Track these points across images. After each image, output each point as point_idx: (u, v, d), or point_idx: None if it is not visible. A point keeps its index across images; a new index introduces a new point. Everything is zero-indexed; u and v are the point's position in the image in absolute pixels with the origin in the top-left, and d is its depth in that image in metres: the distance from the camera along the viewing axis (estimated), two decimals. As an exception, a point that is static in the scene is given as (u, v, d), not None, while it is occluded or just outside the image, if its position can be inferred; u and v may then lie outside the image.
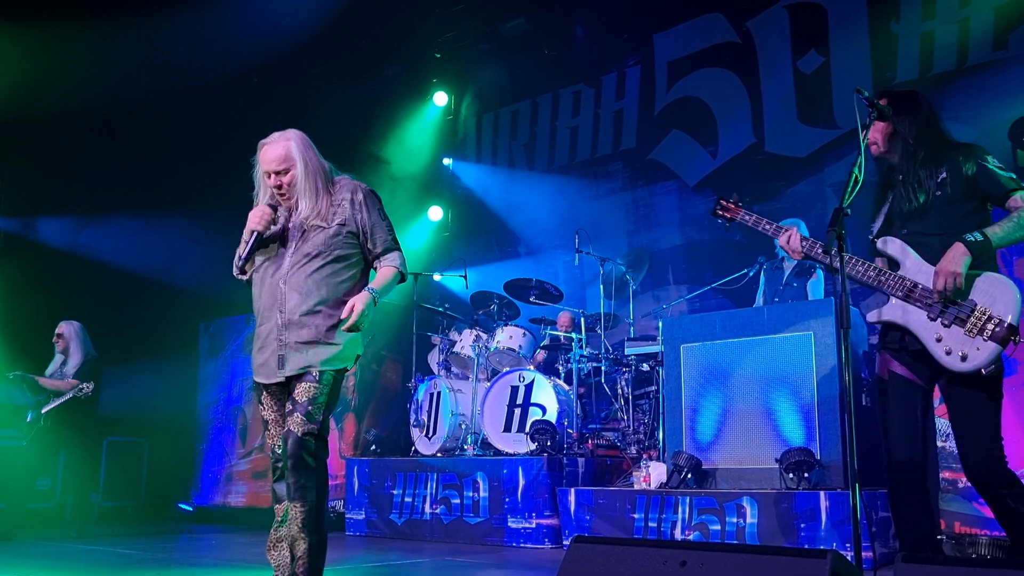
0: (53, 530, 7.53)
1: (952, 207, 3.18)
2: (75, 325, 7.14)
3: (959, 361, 3.01)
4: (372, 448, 7.74)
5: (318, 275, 3.26)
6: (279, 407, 3.33)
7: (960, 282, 3.03)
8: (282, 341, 3.25)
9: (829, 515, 4.59)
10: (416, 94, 10.25)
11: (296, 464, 3.18)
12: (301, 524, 3.17)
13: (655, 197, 8.70)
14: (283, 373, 3.25)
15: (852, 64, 7.41)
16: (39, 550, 5.93)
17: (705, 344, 5.54)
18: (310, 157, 3.32)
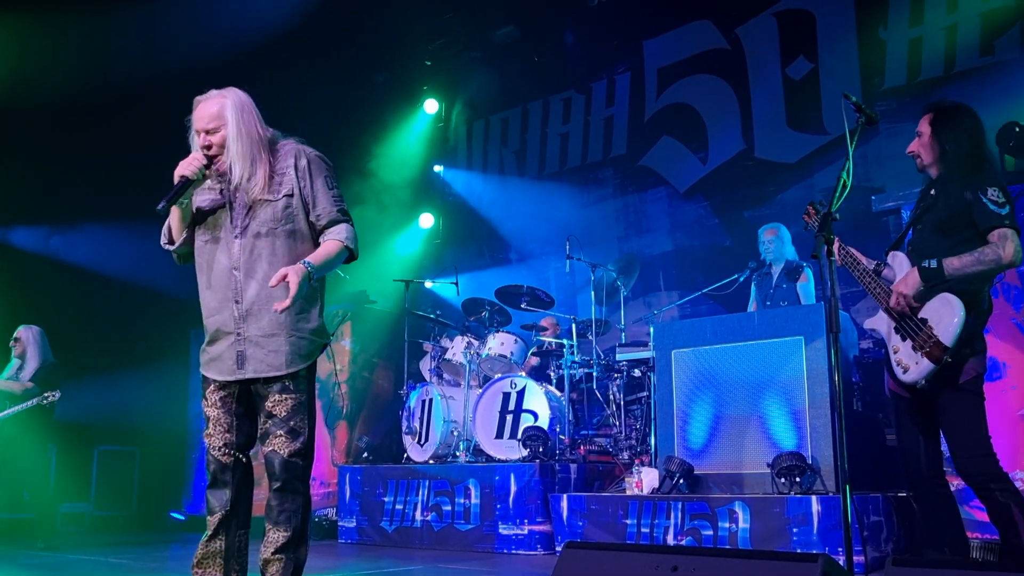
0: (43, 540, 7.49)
1: (946, 232, 3.30)
2: (34, 330, 6.98)
3: (902, 372, 3.22)
4: (364, 455, 7.73)
5: (273, 257, 2.97)
6: (225, 405, 3.04)
7: (909, 303, 3.24)
8: (240, 335, 2.98)
9: (821, 519, 4.60)
10: (406, 101, 10.26)
11: (283, 488, 2.97)
12: (280, 548, 2.95)
13: (645, 203, 8.73)
14: (243, 374, 2.98)
15: (840, 70, 7.45)
16: (29, 560, 5.90)
17: (696, 349, 5.56)
18: (245, 119, 3.01)
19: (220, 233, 3.05)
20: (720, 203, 8.12)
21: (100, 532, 8.70)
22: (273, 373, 2.98)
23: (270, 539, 2.98)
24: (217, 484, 3.06)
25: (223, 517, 3.04)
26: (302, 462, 3.00)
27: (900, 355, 3.23)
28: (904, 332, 3.22)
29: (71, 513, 8.86)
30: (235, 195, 3.04)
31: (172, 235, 3.12)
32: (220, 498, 3.04)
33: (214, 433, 3.06)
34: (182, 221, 3.08)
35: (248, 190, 3.01)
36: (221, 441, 3.05)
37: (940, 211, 3.32)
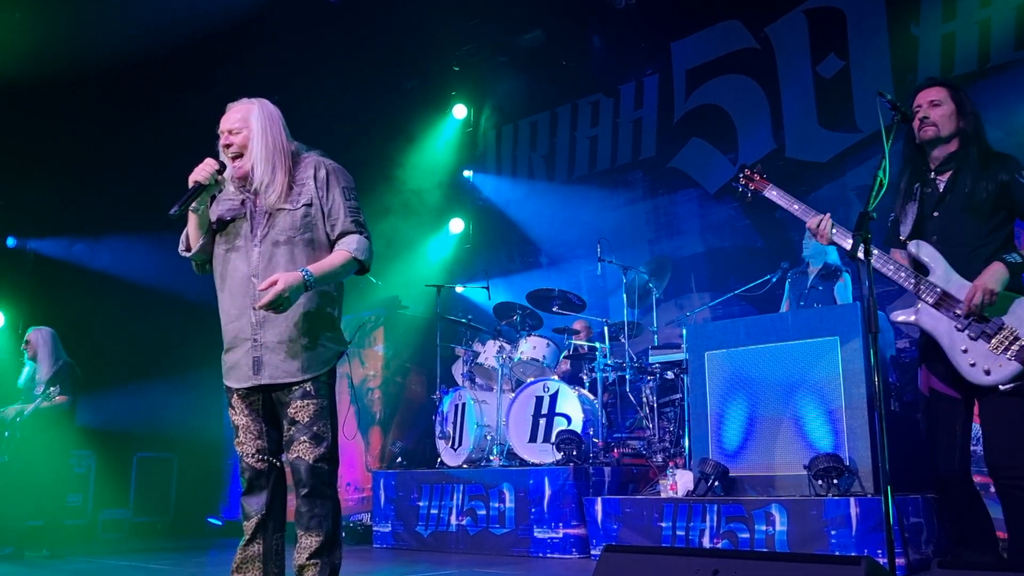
0: (84, 546, 7.61)
1: (982, 218, 3.20)
2: (44, 331, 6.88)
3: (982, 375, 3.09)
4: (398, 460, 7.76)
5: (291, 265, 2.98)
6: (252, 412, 3.08)
7: (995, 300, 3.09)
8: (257, 341, 3.00)
9: (860, 521, 4.55)
10: (435, 107, 10.30)
11: (311, 493, 2.98)
12: (314, 553, 2.97)
13: (676, 205, 8.70)
14: (259, 379, 3.00)
15: (872, 67, 7.37)
16: (69, 567, 5.99)
17: (730, 351, 5.52)
18: (270, 126, 3.06)
19: (239, 242, 3.08)
20: (751, 204, 8.02)
21: (139, 538, 8.81)
22: (289, 379, 3.00)
23: (303, 545, 2.99)
24: (252, 490, 3.10)
25: (259, 521, 3.08)
26: (328, 467, 3.01)
27: (972, 356, 3.10)
28: (974, 331, 3.09)
29: (111, 519, 8.98)
30: (255, 204, 3.07)
31: (189, 242, 3.16)
32: (255, 503, 3.08)
33: (245, 441, 3.10)
34: (199, 228, 3.11)
35: (267, 197, 3.03)
36: (253, 448, 3.09)
37: (972, 194, 3.21)
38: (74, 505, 8.57)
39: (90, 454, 8.82)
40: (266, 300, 2.87)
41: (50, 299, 8.46)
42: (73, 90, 8.42)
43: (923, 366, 3.41)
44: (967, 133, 3.28)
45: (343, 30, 8.97)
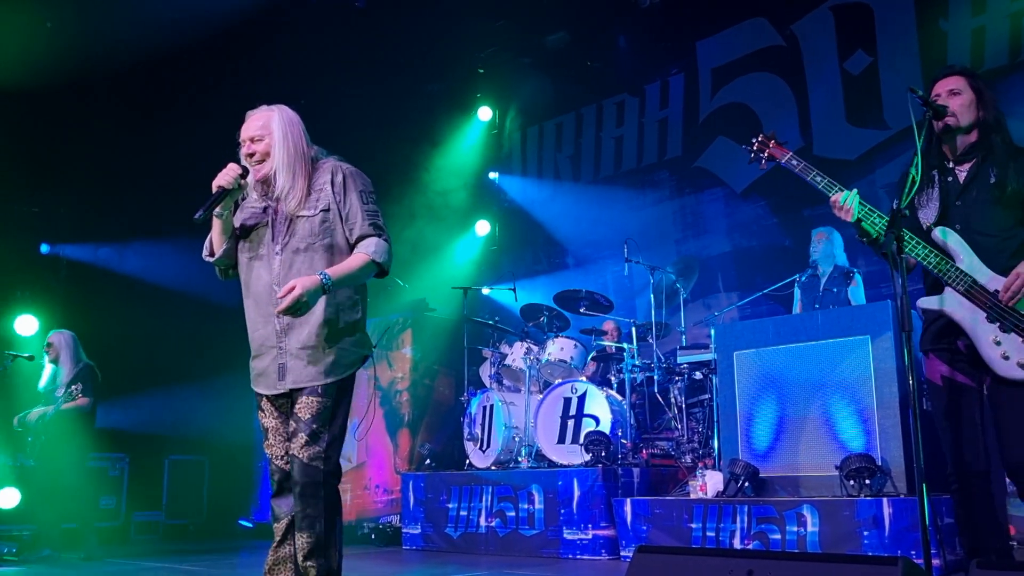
0: (119, 548, 7.70)
1: (1009, 210, 3.13)
2: (65, 334, 6.89)
3: (1016, 368, 2.99)
4: (427, 462, 7.79)
5: (312, 272, 2.99)
6: (280, 414, 3.12)
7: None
8: (282, 348, 3.04)
9: (893, 522, 4.51)
10: (460, 110, 10.33)
11: (303, 492, 2.98)
12: (307, 554, 2.97)
13: (702, 205, 8.66)
14: (284, 385, 3.04)
15: (901, 63, 7.31)
16: (105, 569, 6.06)
17: (759, 351, 5.49)
18: (291, 132, 3.08)
19: (262, 250, 3.10)
20: (778, 202, 8.01)
21: (172, 540, 8.91)
22: (311, 383, 3.02)
23: (298, 545, 3.00)
24: (282, 492, 3.12)
25: (289, 523, 3.10)
26: (323, 466, 2.99)
27: (1005, 348, 3.00)
28: (1006, 323, 3.00)
29: (144, 522, 9.09)
30: (276, 211, 3.09)
31: (213, 247, 3.17)
32: (285, 505, 3.10)
33: (274, 443, 3.12)
34: (223, 233, 3.13)
35: (287, 203, 3.05)
36: (282, 450, 3.11)
37: (1000, 185, 3.13)
38: (108, 508, 8.67)
39: (123, 457, 8.91)
40: (284, 305, 2.88)
41: (83, 305, 8.57)
42: (101, 97, 8.56)
43: (932, 355, 3.29)
44: (987, 123, 3.21)
45: (368, 34, 9.03)
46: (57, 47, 7.61)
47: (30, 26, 7.49)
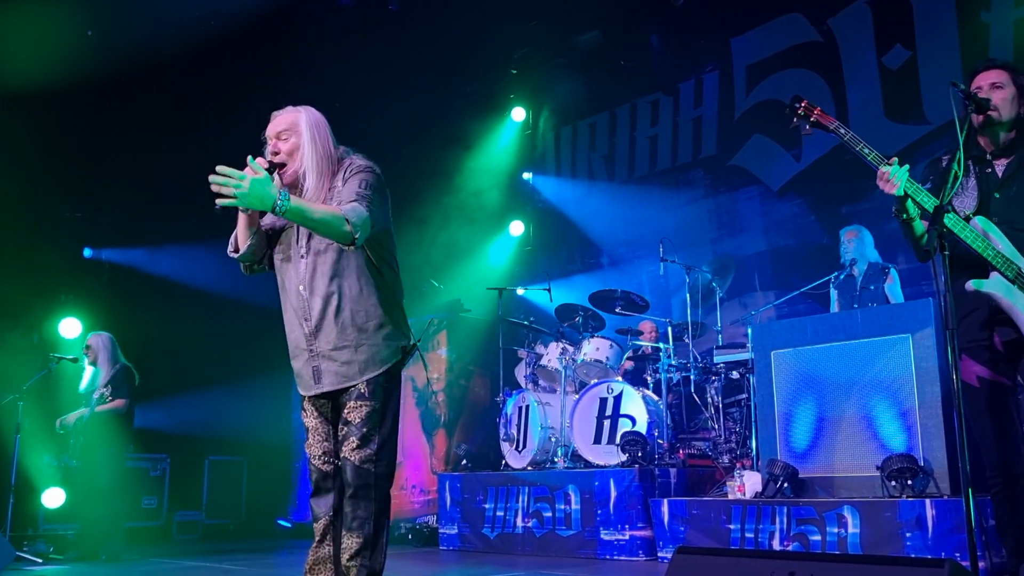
0: (160, 548, 7.82)
1: None
2: (104, 336, 6.97)
3: None
4: (463, 463, 7.81)
5: (333, 271, 3.02)
6: (321, 414, 3.13)
7: None
8: (313, 351, 3.05)
9: (936, 523, 4.44)
10: (494, 111, 10.35)
11: (355, 494, 2.99)
12: (353, 554, 2.98)
13: (738, 203, 8.59)
14: (320, 388, 3.06)
15: (940, 57, 7.18)
16: (148, 568, 6.15)
17: (797, 350, 5.43)
18: (318, 134, 3.07)
19: (291, 252, 3.11)
20: (816, 200, 7.92)
21: (212, 540, 9.02)
22: (348, 384, 3.03)
23: (345, 545, 3.01)
24: (320, 492, 3.13)
25: (328, 523, 3.11)
26: (374, 468, 3.01)
27: None
28: None
29: (185, 521, 9.21)
30: None
31: (237, 243, 3.15)
32: (323, 505, 3.12)
33: (313, 443, 3.13)
34: (247, 228, 3.10)
35: (314, 198, 3.02)
36: (320, 450, 3.13)
37: None
38: (150, 507, 8.81)
39: (164, 457, 9.05)
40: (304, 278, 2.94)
41: (125, 307, 8.71)
42: (140, 102, 8.68)
43: (965, 355, 3.19)
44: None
45: (402, 37, 9.07)
46: (98, 55, 7.74)
47: (71, 35, 7.62)
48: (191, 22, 8.15)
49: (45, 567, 6.28)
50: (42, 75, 7.53)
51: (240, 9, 8.15)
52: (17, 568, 6.03)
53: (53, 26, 7.52)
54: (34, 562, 6.45)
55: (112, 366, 6.84)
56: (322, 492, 3.13)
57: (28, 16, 7.39)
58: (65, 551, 6.98)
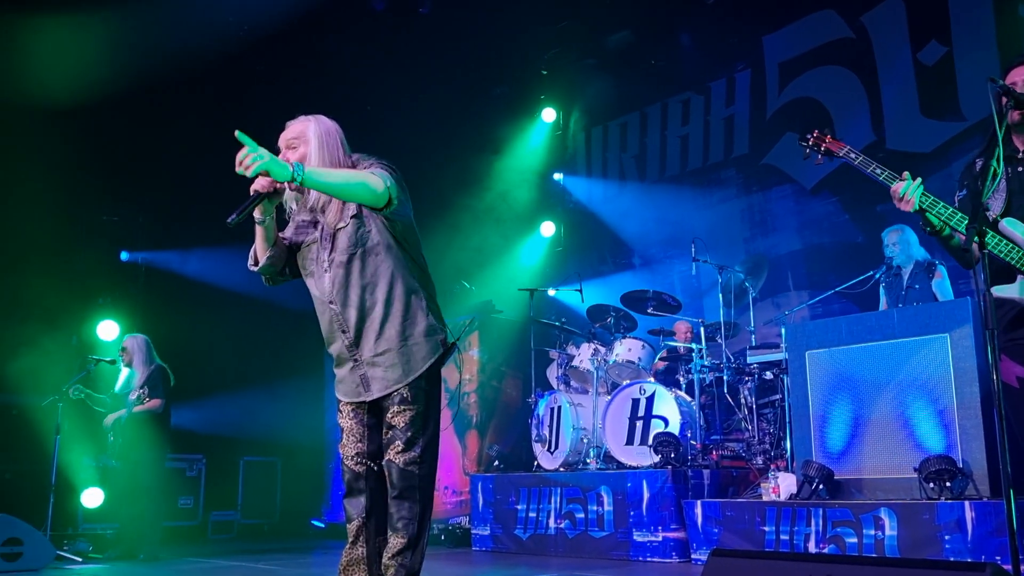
0: (196, 547, 7.91)
1: None
2: (139, 338, 7.03)
3: None
4: (495, 464, 7.82)
5: (360, 279, 3.04)
6: (357, 416, 3.15)
7: None
8: (358, 360, 3.08)
9: (975, 526, 4.37)
10: (524, 112, 10.36)
11: (400, 496, 3.03)
12: (395, 554, 3.01)
13: (771, 203, 8.52)
14: (370, 395, 3.08)
15: (977, 53, 7.08)
16: (185, 566, 6.23)
17: (831, 350, 5.37)
18: (327, 141, 3.07)
19: (314, 267, 3.13)
20: (850, 198, 7.84)
21: (247, 539, 9.11)
22: (393, 388, 3.05)
23: (389, 545, 3.04)
24: (352, 493, 3.15)
25: (361, 524, 3.13)
26: (418, 471, 3.05)
27: None
28: None
29: (220, 521, 9.32)
30: (323, 228, 3.10)
31: (257, 256, 3.17)
32: (356, 506, 3.14)
33: (348, 443, 3.15)
34: (265, 241, 3.13)
35: (326, 215, 3.07)
36: (353, 451, 3.15)
37: None
38: (186, 507, 8.92)
39: (200, 458, 9.15)
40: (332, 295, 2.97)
41: (161, 310, 8.83)
42: (173, 107, 8.79)
43: (1003, 355, 3.16)
44: None
45: (433, 39, 9.12)
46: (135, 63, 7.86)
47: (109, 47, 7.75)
48: (224, 28, 8.25)
49: (85, 566, 6.38)
50: (80, 85, 7.68)
51: (273, 15, 8.23)
52: (57, 567, 6.12)
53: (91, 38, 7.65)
54: (74, 561, 6.55)
55: (147, 367, 6.91)
56: (355, 493, 3.15)
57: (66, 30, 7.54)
58: (104, 550, 7.09)
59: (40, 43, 7.63)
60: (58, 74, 7.70)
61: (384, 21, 8.95)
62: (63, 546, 6.89)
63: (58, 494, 6.99)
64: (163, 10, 7.74)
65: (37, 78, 7.70)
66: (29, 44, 7.62)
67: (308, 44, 8.72)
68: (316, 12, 8.28)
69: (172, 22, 7.83)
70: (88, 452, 8.01)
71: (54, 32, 7.58)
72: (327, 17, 8.53)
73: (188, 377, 7.58)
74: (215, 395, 9.25)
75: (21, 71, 7.66)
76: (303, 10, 8.20)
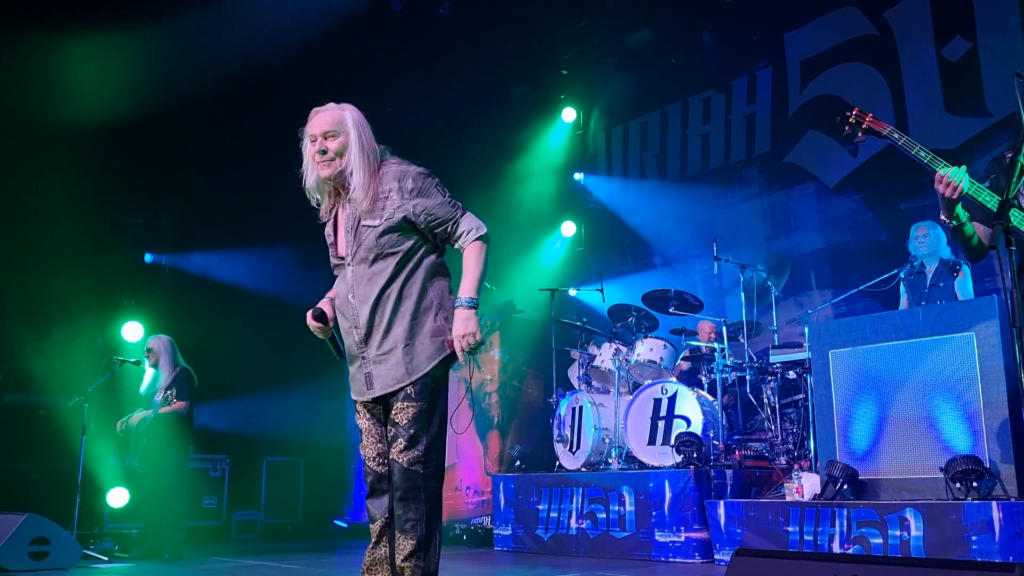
0: (220, 547, 7.96)
1: None
2: (164, 339, 7.07)
3: None
4: (517, 464, 7.82)
5: (380, 278, 3.04)
6: (374, 417, 3.16)
7: None
8: (365, 357, 3.09)
9: (1003, 527, 4.32)
10: (544, 111, 10.34)
11: (404, 496, 3.01)
12: (407, 556, 3.00)
13: (793, 201, 8.46)
14: (372, 393, 3.08)
15: (1002, 48, 6.99)
16: (210, 566, 6.27)
17: (855, 349, 5.32)
18: (364, 133, 3.08)
19: (338, 261, 3.17)
20: (873, 196, 7.77)
21: (270, 539, 9.16)
22: (398, 386, 3.04)
23: (399, 546, 3.02)
24: (375, 493, 3.15)
25: (384, 524, 3.13)
26: (422, 470, 3.02)
27: None
28: None
29: (243, 521, 9.38)
30: (349, 221, 3.11)
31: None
32: (379, 506, 3.13)
33: (367, 444, 3.16)
34: None
35: (359, 204, 3.05)
36: (374, 451, 3.15)
37: None
38: (210, 507, 8.99)
39: (224, 458, 9.22)
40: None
41: (184, 311, 8.90)
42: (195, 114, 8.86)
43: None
44: None
45: (452, 40, 9.13)
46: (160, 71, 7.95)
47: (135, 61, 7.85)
48: (246, 32, 8.31)
49: (110, 565, 6.44)
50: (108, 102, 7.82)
51: (292, 18, 8.28)
52: (84, 566, 6.18)
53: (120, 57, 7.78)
54: (100, 560, 6.61)
55: (172, 369, 6.96)
56: (377, 494, 3.15)
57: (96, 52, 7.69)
58: (129, 549, 7.16)
59: (72, 64, 7.77)
60: (89, 85, 7.84)
61: (404, 22, 8.97)
62: (89, 545, 6.95)
63: (84, 494, 7.05)
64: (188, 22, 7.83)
65: (69, 89, 7.84)
66: (62, 65, 7.75)
67: (328, 46, 8.75)
68: (336, 13, 8.31)
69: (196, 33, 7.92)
70: (113, 452, 8.08)
71: (85, 54, 7.73)
72: (346, 19, 8.55)
73: (211, 378, 7.62)
74: (238, 396, 9.32)
75: (54, 84, 7.81)
76: (323, 13, 8.24)
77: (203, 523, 8.74)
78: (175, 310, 9.06)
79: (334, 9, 8.29)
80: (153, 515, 6.94)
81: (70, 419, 7.47)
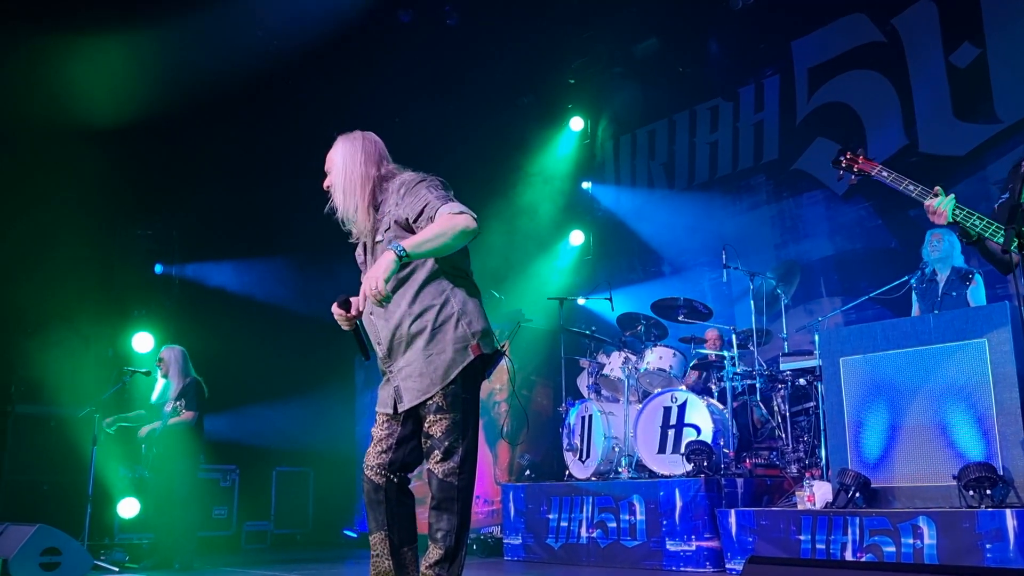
0: (230, 557, 7.96)
1: None
2: (176, 349, 7.06)
3: None
4: (526, 473, 7.80)
5: (396, 293, 3.04)
6: (390, 427, 3.13)
7: None
8: (391, 372, 3.10)
9: (1018, 535, 4.28)
10: (552, 121, 10.37)
11: (438, 507, 3.04)
12: (432, 564, 3.02)
13: (801, 208, 8.45)
14: (402, 407, 3.07)
15: (1011, 54, 6.97)
16: None
17: (866, 356, 5.30)
18: (350, 157, 3.14)
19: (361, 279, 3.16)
20: (883, 203, 7.74)
21: (280, 549, 9.16)
22: (424, 396, 3.03)
23: (428, 554, 3.05)
24: (371, 504, 3.13)
25: (383, 537, 3.12)
26: (457, 482, 3.03)
27: None
28: None
29: (254, 531, 9.38)
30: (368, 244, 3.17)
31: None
32: (376, 518, 3.12)
33: (371, 452, 3.15)
34: None
35: (355, 227, 3.14)
36: (375, 461, 3.13)
37: None
38: (220, 517, 9.00)
39: (234, 468, 9.22)
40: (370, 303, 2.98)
41: (194, 322, 8.92)
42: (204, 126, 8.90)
43: None
44: None
45: (460, 50, 9.16)
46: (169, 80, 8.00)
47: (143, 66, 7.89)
48: (255, 43, 8.35)
49: (121, 575, 6.44)
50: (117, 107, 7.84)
51: (301, 30, 8.32)
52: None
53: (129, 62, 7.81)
54: (111, 570, 6.61)
55: (182, 379, 6.96)
56: (373, 505, 3.12)
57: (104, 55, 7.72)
58: (140, 560, 7.15)
59: (80, 67, 7.80)
60: (97, 96, 7.86)
61: (411, 33, 9.01)
62: (100, 556, 6.96)
63: (95, 504, 7.05)
64: (197, 33, 7.87)
65: (78, 100, 7.87)
66: (70, 68, 7.78)
67: (336, 57, 8.79)
68: (344, 25, 8.35)
69: (205, 44, 7.96)
70: (124, 463, 8.09)
71: (93, 57, 7.75)
72: (355, 30, 8.59)
73: (221, 388, 7.63)
74: (248, 406, 9.33)
75: (63, 93, 7.83)
76: (330, 24, 8.27)
77: (213, 533, 8.75)
78: (185, 321, 9.09)
79: (343, 22, 8.33)
80: (164, 525, 6.93)
81: (81, 430, 7.49)
